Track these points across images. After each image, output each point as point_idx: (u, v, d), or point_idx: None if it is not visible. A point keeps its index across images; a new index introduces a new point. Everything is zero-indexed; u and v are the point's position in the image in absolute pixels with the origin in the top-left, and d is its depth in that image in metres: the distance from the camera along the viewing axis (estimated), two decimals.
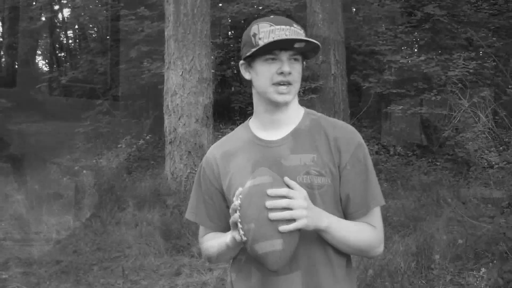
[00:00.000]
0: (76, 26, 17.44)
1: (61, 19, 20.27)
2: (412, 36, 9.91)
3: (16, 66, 22.03)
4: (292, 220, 1.31)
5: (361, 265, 4.09)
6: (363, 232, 1.47)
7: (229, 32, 12.69)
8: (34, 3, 16.51)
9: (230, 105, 9.32)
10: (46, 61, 27.58)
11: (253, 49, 1.42)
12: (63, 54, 23.99)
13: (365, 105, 9.52)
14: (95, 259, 4.92)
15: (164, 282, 4.40)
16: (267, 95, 1.46)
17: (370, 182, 1.50)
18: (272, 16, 1.49)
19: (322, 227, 1.38)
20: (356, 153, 1.48)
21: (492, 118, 8.56)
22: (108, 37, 12.34)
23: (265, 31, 1.42)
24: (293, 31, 1.42)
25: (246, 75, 1.52)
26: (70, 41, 23.31)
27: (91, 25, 14.15)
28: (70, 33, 22.01)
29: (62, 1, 14.66)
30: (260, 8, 10.68)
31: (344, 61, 8.87)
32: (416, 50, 10.66)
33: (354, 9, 11.33)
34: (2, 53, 22.35)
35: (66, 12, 18.16)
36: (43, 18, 15.89)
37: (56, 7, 15.75)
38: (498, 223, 4.21)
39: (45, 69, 25.97)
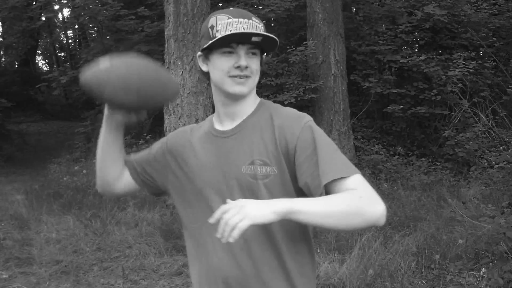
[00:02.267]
0: (76, 26, 17.43)
1: (61, 19, 20.31)
2: (412, 36, 9.91)
3: (16, 66, 22.05)
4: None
5: (361, 265, 4.09)
6: (340, 198, 1.31)
7: None
8: (34, 3, 16.51)
9: None
10: (46, 61, 27.66)
11: (210, 42, 1.40)
12: (63, 54, 24.02)
13: (365, 105, 9.50)
14: (95, 259, 4.92)
15: (164, 282, 4.40)
16: (224, 86, 1.44)
17: (322, 160, 1.36)
18: (231, 8, 1.47)
19: (284, 210, 1.26)
20: (302, 136, 1.39)
21: (492, 118, 8.58)
22: (108, 37, 12.31)
23: (223, 23, 1.39)
24: (251, 25, 1.40)
25: (204, 67, 1.50)
26: (70, 41, 23.36)
27: (91, 25, 14.13)
28: (70, 33, 22.06)
29: (62, 1, 14.63)
30: (260, 8, 10.68)
31: (344, 61, 8.85)
32: (416, 50, 10.65)
33: (354, 9, 11.32)
34: (2, 53, 22.37)
35: (66, 12, 18.20)
36: (43, 18, 15.87)
37: (56, 7, 15.72)
38: (498, 223, 4.20)
39: (45, 69, 26.04)
